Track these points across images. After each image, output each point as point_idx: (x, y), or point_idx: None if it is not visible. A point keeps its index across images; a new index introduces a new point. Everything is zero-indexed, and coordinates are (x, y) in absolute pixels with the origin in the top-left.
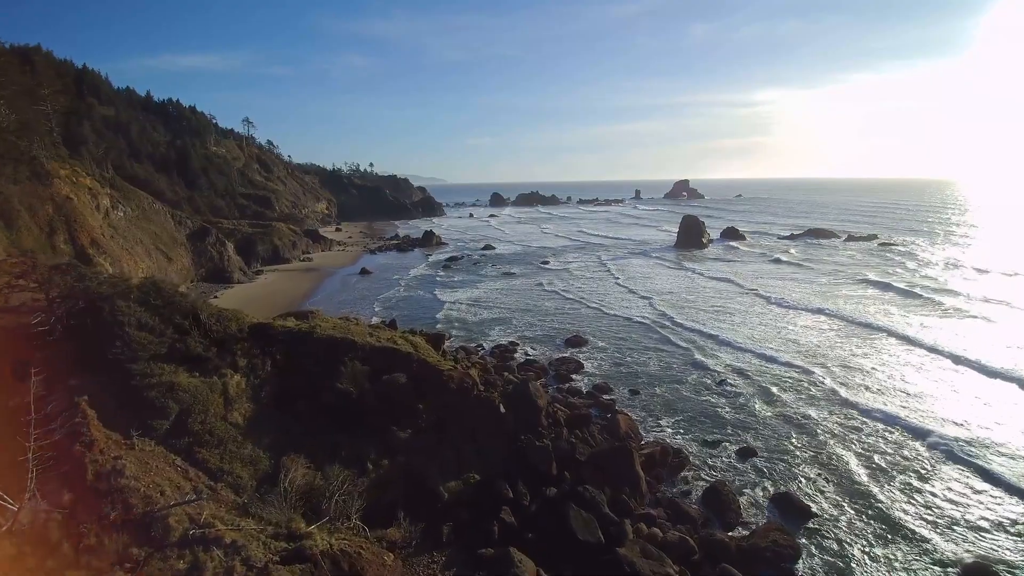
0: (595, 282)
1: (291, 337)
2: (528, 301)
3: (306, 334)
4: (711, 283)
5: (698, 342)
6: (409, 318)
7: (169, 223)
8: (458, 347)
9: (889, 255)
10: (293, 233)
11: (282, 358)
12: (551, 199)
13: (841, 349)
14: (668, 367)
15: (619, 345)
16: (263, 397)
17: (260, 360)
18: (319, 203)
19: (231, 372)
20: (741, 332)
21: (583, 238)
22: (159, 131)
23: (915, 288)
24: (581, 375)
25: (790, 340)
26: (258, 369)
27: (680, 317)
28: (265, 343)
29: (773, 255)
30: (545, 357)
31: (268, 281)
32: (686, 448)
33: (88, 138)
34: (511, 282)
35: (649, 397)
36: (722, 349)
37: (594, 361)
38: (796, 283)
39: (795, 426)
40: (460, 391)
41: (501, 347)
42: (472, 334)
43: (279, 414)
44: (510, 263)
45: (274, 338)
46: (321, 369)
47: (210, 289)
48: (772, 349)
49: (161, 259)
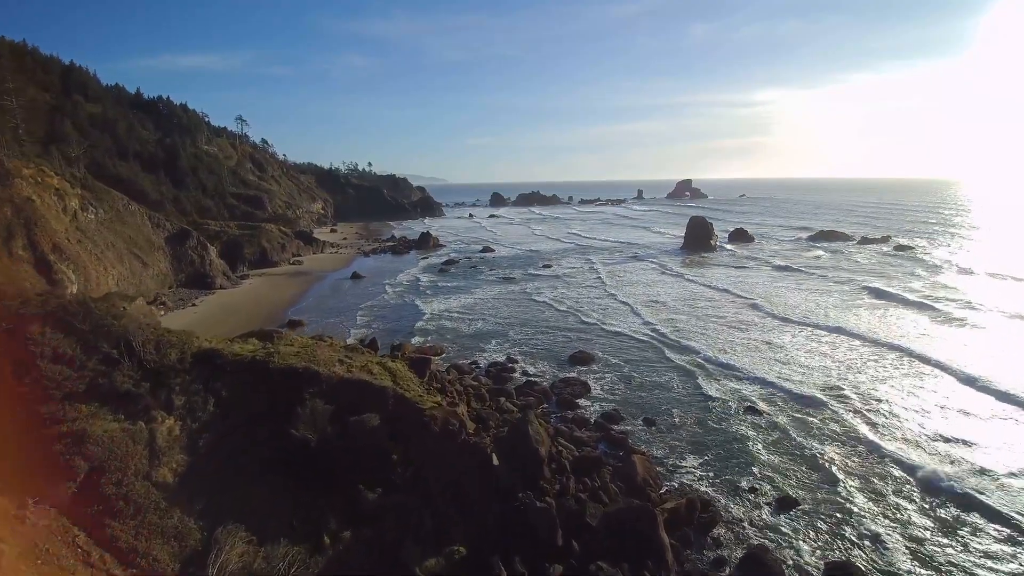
0: (599, 290)
1: (242, 368)
2: (528, 310)
3: (260, 364)
4: (722, 296)
5: (715, 366)
6: (396, 331)
7: (146, 225)
8: (450, 366)
9: (906, 260)
10: (283, 235)
11: (229, 395)
12: (552, 199)
13: (869, 378)
14: (685, 392)
15: (629, 363)
16: (201, 447)
17: (202, 398)
18: (315, 203)
19: (163, 415)
20: (760, 354)
21: (585, 241)
22: (148, 129)
23: (940, 301)
24: (588, 399)
25: (815, 367)
26: (198, 410)
27: (693, 335)
28: (210, 375)
29: (785, 261)
30: (547, 376)
31: (253, 286)
32: (715, 498)
33: (69, 136)
34: (510, 288)
35: (667, 429)
36: (743, 375)
37: (602, 382)
38: (812, 294)
39: (836, 472)
40: (444, 435)
41: (498, 365)
42: (466, 348)
43: (220, 469)
44: (509, 267)
45: (221, 369)
46: (276, 409)
47: (190, 295)
48: (796, 376)
49: (135, 264)
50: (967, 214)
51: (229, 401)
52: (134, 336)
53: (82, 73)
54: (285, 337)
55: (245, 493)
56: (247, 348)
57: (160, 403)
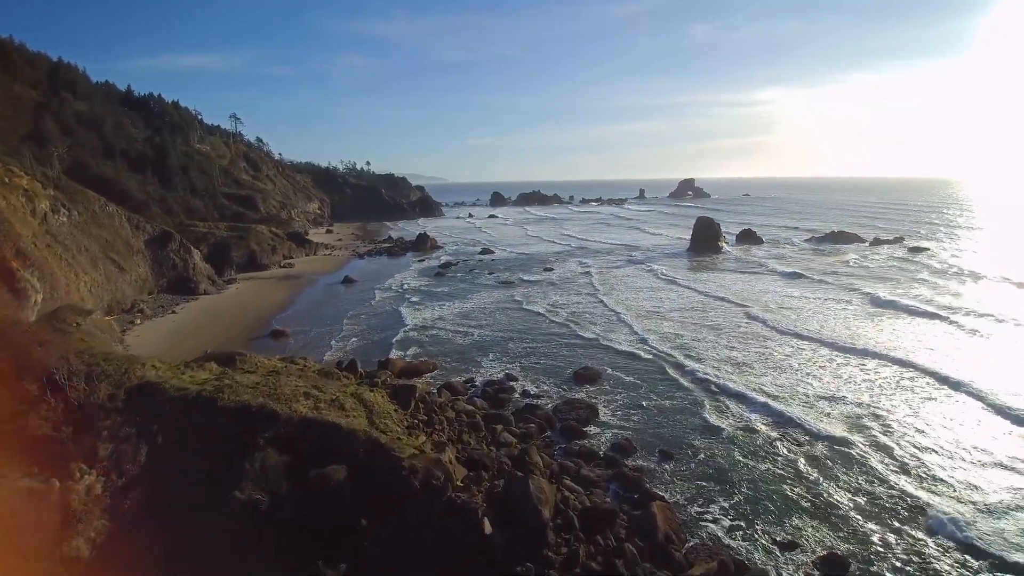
0: (602, 297)
1: (185, 406)
2: (528, 320)
3: (207, 402)
4: (736, 309)
5: (733, 390)
6: (385, 342)
7: (125, 228)
8: (442, 386)
9: (923, 264)
10: (274, 236)
11: (167, 441)
12: (553, 199)
13: (903, 410)
14: (704, 419)
15: (639, 383)
16: (126, 510)
17: (133, 445)
18: (311, 203)
19: (83, 469)
20: (784, 376)
21: (586, 243)
22: (139, 127)
23: (970, 314)
24: (595, 425)
25: (843, 393)
26: (126, 461)
27: (708, 354)
28: (148, 415)
29: (798, 266)
30: (550, 396)
31: (239, 292)
32: (750, 557)
33: (50, 134)
34: (509, 295)
35: (686, 465)
36: (765, 402)
37: (611, 406)
38: (830, 304)
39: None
40: (427, 492)
41: (496, 384)
42: (462, 362)
43: (148, 538)
44: (509, 271)
45: (160, 407)
46: (223, 459)
47: (171, 302)
48: (824, 405)
49: (111, 269)
50: (973, 214)
51: (166, 450)
52: (58, 368)
53: (70, 70)
54: (249, 360)
55: (176, 572)
56: (198, 378)
57: (83, 452)
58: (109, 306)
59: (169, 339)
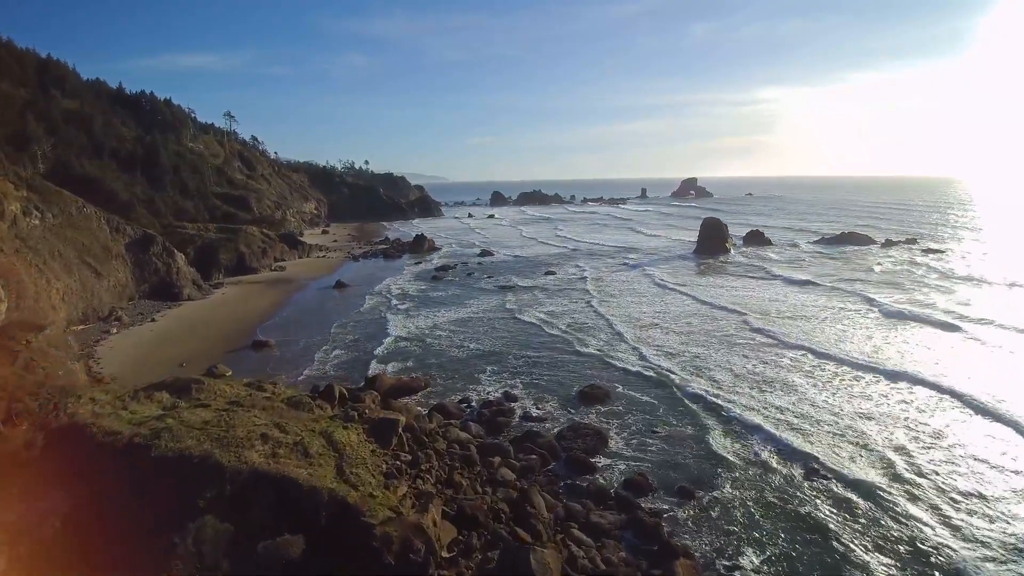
0: (608, 304)
1: (113, 456)
2: (530, 328)
3: (139, 451)
4: (750, 323)
5: (759, 420)
6: (374, 354)
7: (103, 231)
8: (433, 408)
9: (941, 268)
10: (265, 238)
11: (88, 502)
12: (554, 198)
13: (953, 448)
14: (727, 448)
15: (651, 404)
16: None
17: (43, 507)
18: (307, 203)
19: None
20: (810, 402)
21: (589, 245)
22: (129, 126)
23: (1004, 327)
24: (605, 455)
25: (887, 434)
26: (34, 528)
27: (724, 375)
28: (69, 467)
29: (812, 270)
30: (554, 418)
31: (225, 297)
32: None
33: (34, 133)
34: (509, 301)
35: (710, 506)
36: (794, 434)
37: (622, 431)
38: (852, 315)
39: None
40: (403, 567)
41: (494, 404)
42: (457, 378)
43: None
44: (509, 274)
45: (84, 457)
46: (150, 529)
47: (152, 308)
48: (862, 441)
49: (87, 275)
50: (980, 214)
51: (85, 515)
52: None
53: (60, 67)
54: (208, 388)
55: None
56: (139, 415)
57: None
58: (84, 314)
59: (143, 351)
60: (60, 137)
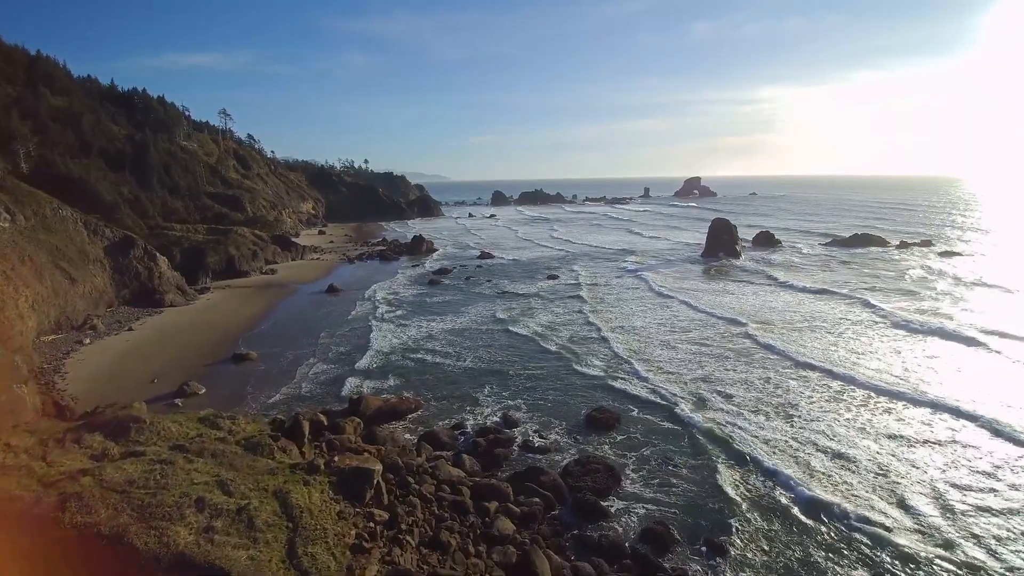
0: (613, 312)
1: (6, 530)
2: (534, 340)
3: (42, 524)
4: (772, 341)
5: (788, 464)
6: (362, 370)
7: (80, 234)
8: (421, 438)
9: (962, 273)
10: (257, 240)
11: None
12: (556, 197)
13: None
14: (758, 491)
15: (669, 426)
16: None
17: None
18: (305, 203)
19: None
20: (846, 440)
21: (593, 246)
22: (121, 124)
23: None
24: (619, 498)
25: (934, 485)
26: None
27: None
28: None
29: (828, 276)
30: (559, 447)
31: (211, 303)
32: None
33: (18, 132)
34: (510, 308)
35: (746, 564)
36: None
37: (636, 466)
38: (881, 331)
39: None
40: None
41: (491, 432)
42: (451, 398)
43: None
44: (510, 279)
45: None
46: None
47: (131, 316)
48: (906, 496)
49: (60, 281)
50: (985, 214)
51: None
52: None
53: (49, 64)
54: (150, 428)
55: None
56: (58, 467)
57: None
58: (57, 323)
59: (115, 364)
60: (46, 136)
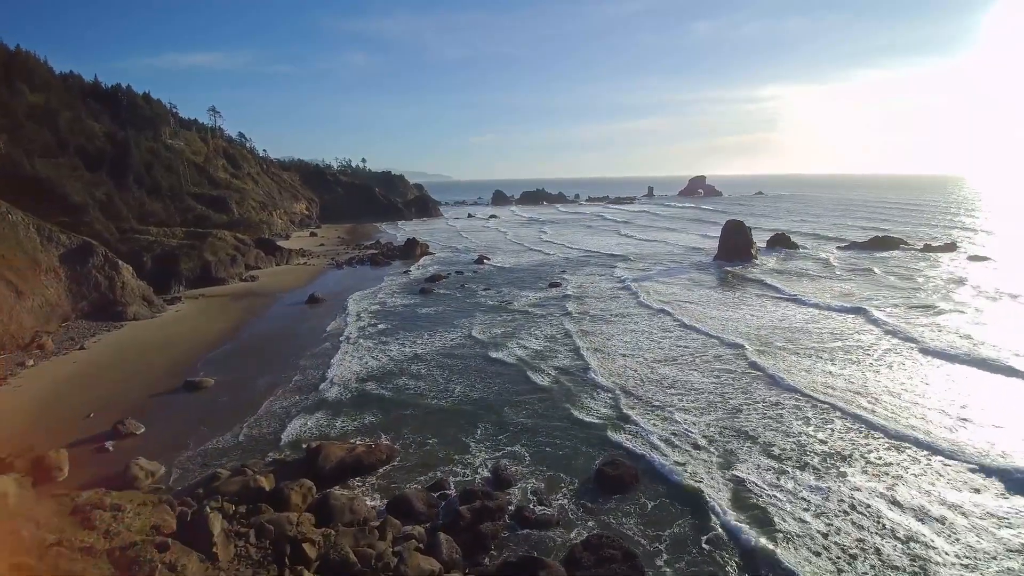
0: (621, 323)
1: None
2: (531, 364)
3: None
4: (802, 376)
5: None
6: (329, 403)
7: (32, 240)
8: (391, 502)
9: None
10: (239, 244)
11: None
12: (558, 197)
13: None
14: None
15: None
16: None
17: None
18: (298, 203)
19: None
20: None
21: (598, 249)
22: (103, 121)
23: None
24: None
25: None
26: None
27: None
28: None
29: (853, 285)
30: (564, 519)
31: (178, 315)
32: None
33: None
34: (508, 322)
35: None
36: None
37: (662, 550)
38: (928, 365)
39: None
40: None
41: (479, 496)
42: (432, 443)
43: None
44: (509, 286)
45: None
46: None
47: (87, 331)
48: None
49: (4, 294)
50: (997, 213)
51: None
52: None
53: (28, 59)
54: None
55: None
56: None
57: None
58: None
59: (52, 394)
60: (19, 133)
